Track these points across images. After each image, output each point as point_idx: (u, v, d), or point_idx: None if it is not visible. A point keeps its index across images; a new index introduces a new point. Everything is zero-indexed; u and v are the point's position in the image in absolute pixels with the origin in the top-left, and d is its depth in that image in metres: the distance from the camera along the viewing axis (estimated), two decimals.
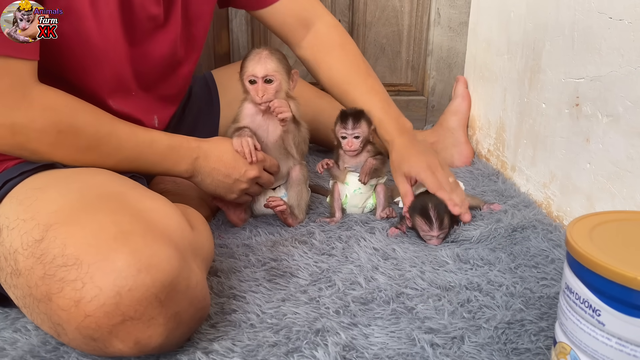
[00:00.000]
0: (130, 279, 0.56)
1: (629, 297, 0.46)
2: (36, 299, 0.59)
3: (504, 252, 0.90)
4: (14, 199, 0.68)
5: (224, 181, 0.91)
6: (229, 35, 1.50)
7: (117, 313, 0.56)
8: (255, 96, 0.93)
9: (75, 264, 0.57)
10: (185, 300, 0.60)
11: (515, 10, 1.19)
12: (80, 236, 0.59)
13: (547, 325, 0.70)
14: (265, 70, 0.93)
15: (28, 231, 0.62)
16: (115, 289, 0.56)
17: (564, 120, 1.00)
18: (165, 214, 0.67)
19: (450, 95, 1.54)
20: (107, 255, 0.57)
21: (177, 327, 0.61)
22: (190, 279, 0.61)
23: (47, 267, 0.58)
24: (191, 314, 0.62)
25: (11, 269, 0.62)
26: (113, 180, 0.73)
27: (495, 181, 1.22)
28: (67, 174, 0.72)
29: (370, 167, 1.01)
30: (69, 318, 0.57)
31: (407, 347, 0.66)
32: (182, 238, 0.65)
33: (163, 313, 0.58)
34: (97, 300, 0.56)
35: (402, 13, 1.51)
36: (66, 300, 0.57)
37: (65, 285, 0.57)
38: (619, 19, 0.83)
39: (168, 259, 0.59)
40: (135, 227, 0.61)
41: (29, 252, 0.60)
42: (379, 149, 1.05)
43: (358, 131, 1.00)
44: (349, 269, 0.85)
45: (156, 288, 0.57)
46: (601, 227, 0.55)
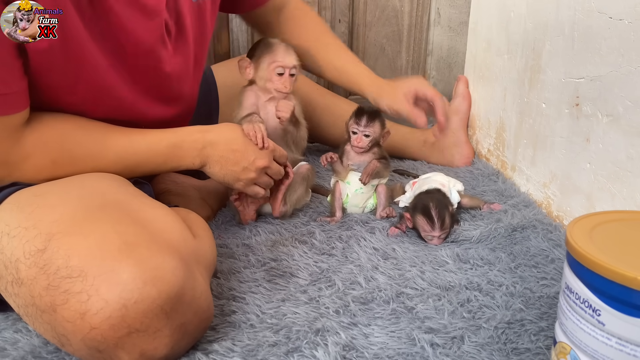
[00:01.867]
0: (136, 292, 0.56)
1: (629, 297, 0.46)
2: (40, 309, 0.59)
3: (504, 252, 0.90)
4: (14, 205, 0.67)
5: (233, 169, 0.88)
6: (229, 35, 1.50)
7: (123, 325, 0.56)
8: (281, 87, 0.96)
9: (80, 276, 0.57)
10: (190, 311, 0.60)
11: (516, 10, 1.19)
12: (84, 247, 0.59)
13: (547, 325, 0.70)
14: (295, 60, 0.97)
15: (30, 240, 0.61)
16: (121, 301, 0.55)
17: (564, 120, 1.00)
18: (168, 223, 0.67)
19: (450, 95, 1.54)
20: (112, 267, 0.57)
21: (183, 338, 0.61)
22: (195, 290, 0.61)
23: (51, 278, 0.58)
24: (196, 324, 0.62)
25: (12, 277, 0.61)
26: (114, 187, 0.72)
27: (495, 181, 1.22)
28: (68, 180, 0.72)
29: (373, 169, 1.01)
30: (74, 330, 0.56)
31: (407, 347, 0.66)
32: (185, 247, 0.65)
33: (169, 325, 0.58)
34: (103, 312, 0.55)
35: (402, 13, 1.51)
36: (71, 312, 0.56)
37: (70, 297, 0.56)
38: (619, 18, 0.83)
39: (173, 270, 0.59)
40: (140, 238, 0.61)
41: (31, 261, 0.60)
42: (384, 153, 1.05)
43: (369, 130, 1.01)
44: (349, 268, 0.85)
45: (162, 300, 0.57)
46: (601, 227, 0.55)
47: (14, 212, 0.66)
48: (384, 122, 1.04)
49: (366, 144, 1.01)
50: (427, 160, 1.38)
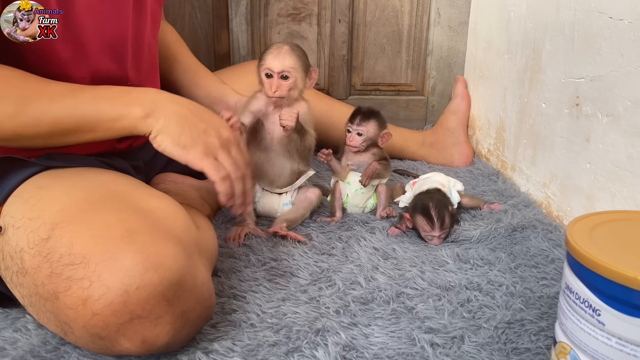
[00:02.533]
0: (138, 278, 0.56)
1: (629, 297, 0.46)
2: (43, 297, 0.60)
3: (504, 251, 0.90)
4: (19, 197, 0.68)
5: (190, 128, 0.72)
6: (229, 35, 1.50)
7: (124, 311, 0.56)
8: (268, 90, 0.94)
9: (82, 263, 0.57)
10: (192, 298, 0.61)
11: (515, 10, 1.19)
12: (87, 235, 0.59)
13: (547, 325, 0.70)
14: (282, 65, 0.93)
15: (34, 230, 0.62)
16: (123, 287, 0.56)
17: (564, 120, 1.00)
18: (171, 212, 0.67)
19: (450, 95, 1.54)
20: (114, 253, 0.57)
21: (184, 326, 0.61)
22: (196, 277, 0.62)
23: (53, 265, 0.59)
24: (198, 312, 0.62)
25: (17, 267, 0.62)
26: (117, 179, 0.73)
27: (495, 181, 1.22)
28: (71, 173, 0.72)
29: (373, 171, 1.02)
30: (77, 316, 0.57)
31: (407, 346, 0.66)
32: (188, 236, 0.65)
33: (170, 311, 0.58)
34: (104, 298, 0.56)
35: (402, 13, 1.51)
36: (73, 298, 0.57)
37: (72, 284, 0.57)
38: (619, 18, 0.83)
39: (175, 257, 0.59)
40: (142, 226, 0.61)
41: (35, 250, 0.60)
42: (385, 155, 1.05)
43: (362, 129, 1.01)
44: (349, 268, 0.85)
45: (163, 286, 0.57)
46: (601, 227, 0.55)
47: (18, 204, 0.66)
48: (383, 123, 1.03)
49: (359, 143, 1.01)
50: (427, 160, 1.38)
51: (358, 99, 1.55)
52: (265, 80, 0.95)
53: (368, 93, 1.59)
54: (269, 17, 1.51)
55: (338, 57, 1.54)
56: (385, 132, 1.03)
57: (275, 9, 1.50)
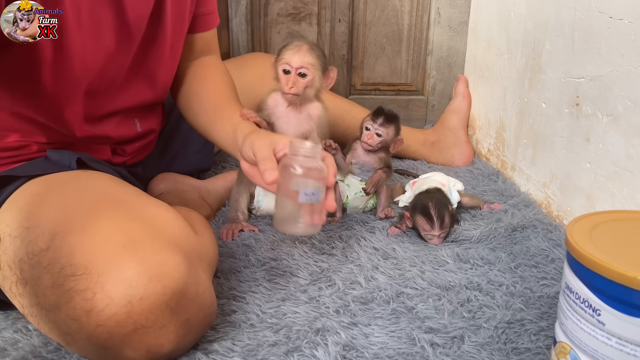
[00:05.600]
0: (141, 288, 0.56)
1: (629, 297, 0.46)
2: (44, 308, 0.59)
3: (504, 251, 0.90)
4: (14, 205, 0.67)
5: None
6: (229, 35, 1.50)
7: (128, 322, 0.56)
8: (284, 85, 0.93)
9: (84, 274, 0.57)
10: (194, 306, 0.60)
11: (516, 9, 1.19)
12: (88, 245, 0.59)
13: (547, 324, 0.70)
14: (301, 61, 0.92)
15: (33, 240, 0.61)
16: (127, 298, 0.55)
17: (564, 119, 1.00)
18: (170, 220, 0.67)
19: (450, 95, 1.54)
20: (116, 264, 0.57)
21: (187, 334, 0.61)
22: (199, 285, 0.61)
23: (55, 276, 0.58)
24: (200, 319, 0.62)
25: (16, 277, 0.61)
26: (114, 185, 0.72)
27: (496, 181, 1.22)
28: (67, 179, 0.71)
29: (379, 180, 1.02)
30: (80, 328, 0.56)
31: (407, 346, 0.66)
32: (188, 244, 0.65)
33: (174, 320, 0.58)
34: (108, 309, 0.55)
35: (402, 13, 1.51)
36: (77, 310, 0.56)
37: (75, 295, 0.56)
38: (619, 18, 0.83)
39: (177, 266, 0.59)
40: (143, 235, 0.60)
41: (35, 261, 0.59)
42: (389, 162, 1.06)
43: (382, 130, 1.01)
44: (349, 268, 0.85)
45: (167, 296, 0.57)
46: (601, 227, 0.55)
47: (14, 213, 0.65)
48: (399, 129, 1.04)
49: (376, 142, 1.01)
50: (427, 159, 1.38)
51: (358, 98, 1.55)
52: (282, 76, 0.94)
53: (368, 93, 1.59)
54: (269, 17, 1.51)
55: (338, 57, 1.54)
56: (399, 139, 1.04)
57: (275, 8, 1.50)
